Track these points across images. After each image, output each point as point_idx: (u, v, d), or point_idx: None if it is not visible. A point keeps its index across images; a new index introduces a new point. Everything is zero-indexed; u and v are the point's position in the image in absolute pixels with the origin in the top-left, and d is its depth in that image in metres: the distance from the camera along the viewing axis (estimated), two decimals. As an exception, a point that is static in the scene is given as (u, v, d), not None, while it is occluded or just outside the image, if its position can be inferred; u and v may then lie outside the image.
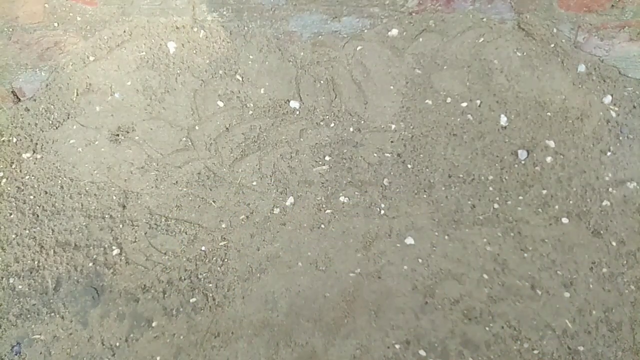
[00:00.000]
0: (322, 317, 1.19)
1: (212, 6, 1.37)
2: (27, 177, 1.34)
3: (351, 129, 1.36)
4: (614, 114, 1.32)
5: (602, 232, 1.24)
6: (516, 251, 1.23)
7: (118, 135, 1.36)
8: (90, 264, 1.24)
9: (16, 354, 1.16)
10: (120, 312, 1.19)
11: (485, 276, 1.21)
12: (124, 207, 1.31)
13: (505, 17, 1.37)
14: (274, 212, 1.30)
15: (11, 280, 1.23)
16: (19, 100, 1.42)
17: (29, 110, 1.40)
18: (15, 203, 1.31)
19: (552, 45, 1.35)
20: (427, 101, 1.36)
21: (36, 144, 1.37)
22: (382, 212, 1.29)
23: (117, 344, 1.17)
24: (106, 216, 1.30)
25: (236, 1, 1.36)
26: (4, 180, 1.34)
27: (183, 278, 1.23)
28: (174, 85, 1.38)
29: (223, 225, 1.29)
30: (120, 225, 1.29)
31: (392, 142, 1.34)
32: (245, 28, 1.39)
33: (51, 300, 1.21)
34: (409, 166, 1.32)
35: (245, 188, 1.32)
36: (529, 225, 1.25)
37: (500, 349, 1.14)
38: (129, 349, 1.16)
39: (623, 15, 1.31)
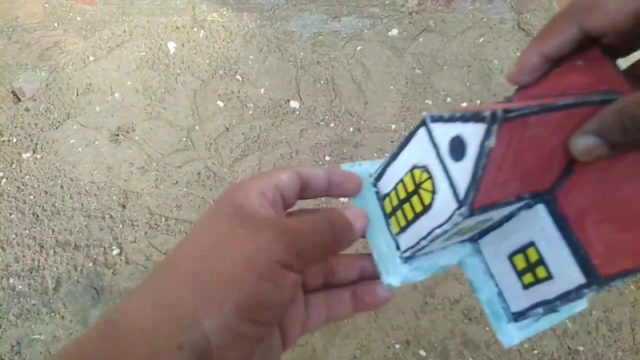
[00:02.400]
0: (322, 317, 1.18)
1: (212, 6, 1.37)
2: (27, 177, 1.34)
3: (351, 129, 1.36)
4: (613, 114, 1.32)
5: (602, 232, 1.24)
6: (516, 251, 1.23)
7: (118, 135, 1.36)
8: (90, 264, 1.24)
9: (16, 354, 1.16)
10: (120, 312, 1.19)
11: (485, 276, 1.21)
12: (124, 207, 1.31)
13: (505, 17, 1.37)
14: (274, 212, 1.30)
15: (11, 280, 1.23)
16: (19, 100, 1.42)
17: (29, 110, 1.40)
18: (15, 203, 1.31)
19: (552, 46, 1.35)
20: (427, 101, 1.36)
21: (36, 144, 1.37)
22: (382, 212, 1.29)
23: (117, 344, 1.16)
24: (106, 216, 1.30)
25: (236, 1, 1.36)
26: (4, 180, 1.34)
27: (183, 278, 1.22)
28: (174, 85, 1.38)
29: (223, 225, 1.29)
30: (120, 225, 1.28)
31: (392, 142, 1.34)
32: (245, 28, 1.39)
33: (51, 300, 1.21)
34: (409, 166, 1.32)
35: (245, 188, 1.32)
36: (529, 225, 1.25)
37: (500, 349, 1.15)
38: (129, 349, 1.16)
39: (623, 16, 1.31)
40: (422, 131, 0.32)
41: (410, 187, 0.34)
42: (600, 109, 0.28)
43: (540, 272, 0.32)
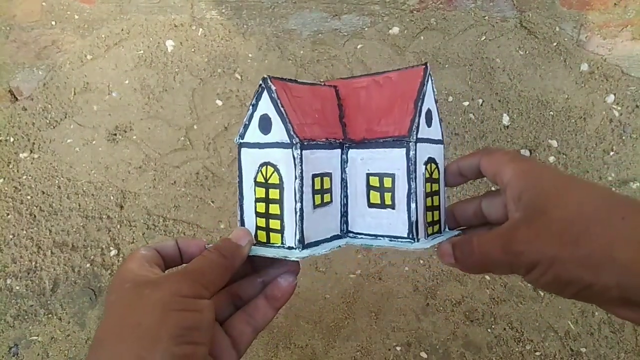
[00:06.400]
0: (322, 319, 1.17)
1: (211, 4, 1.36)
2: (24, 177, 1.33)
3: (351, 129, 1.34)
4: (616, 113, 1.31)
5: (605, 232, 1.22)
6: (518, 252, 1.22)
7: (116, 134, 1.35)
8: (88, 265, 1.23)
9: (14, 356, 1.15)
10: (118, 313, 1.18)
11: (487, 277, 1.20)
12: (121, 207, 1.29)
13: (507, 15, 1.36)
14: (274, 212, 1.29)
15: (8, 282, 1.22)
16: (16, 99, 1.41)
17: (26, 109, 1.38)
18: (13, 203, 1.30)
19: (555, 44, 1.33)
20: (428, 100, 1.34)
21: (33, 143, 1.36)
22: (383, 212, 1.27)
23: (115, 346, 1.15)
24: (104, 216, 1.28)
25: (235, -1, 1.35)
26: (1, 180, 1.33)
27: (182, 279, 1.21)
28: (172, 84, 1.37)
29: (222, 226, 1.28)
30: (118, 226, 1.27)
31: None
32: (245, 26, 1.37)
33: (48, 302, 1.20)
34: (410, 166, 1.31)
35: (244, 188, 1.31)
36: (531, 225, 1.24)
37: (502, 351, 1.13)
38: (127, 351, 1.15)
39: (625, 14, 1.30)
40: (242, 152, 0.44)
41: (261, 193, 0.42)
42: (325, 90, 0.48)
43: (387, 182, 0.42)
